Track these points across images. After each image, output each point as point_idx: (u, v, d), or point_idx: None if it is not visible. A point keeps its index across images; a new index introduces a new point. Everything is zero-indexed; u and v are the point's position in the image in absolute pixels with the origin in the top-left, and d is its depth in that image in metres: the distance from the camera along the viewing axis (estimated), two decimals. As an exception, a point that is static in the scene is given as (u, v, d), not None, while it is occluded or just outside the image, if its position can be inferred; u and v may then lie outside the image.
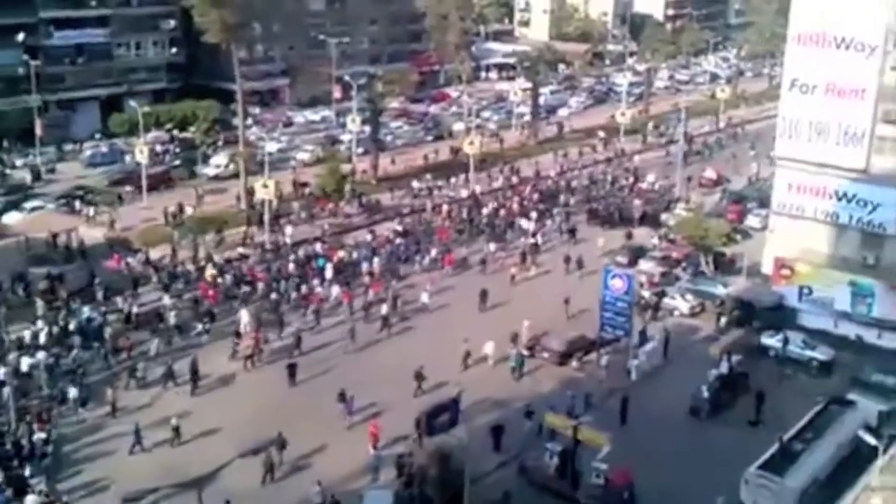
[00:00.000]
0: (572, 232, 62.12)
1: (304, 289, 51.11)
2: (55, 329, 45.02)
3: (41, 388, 40.52)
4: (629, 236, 61.25)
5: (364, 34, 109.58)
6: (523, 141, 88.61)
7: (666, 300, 50.61)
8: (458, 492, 30.05)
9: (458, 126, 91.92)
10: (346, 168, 70.58)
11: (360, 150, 78.06)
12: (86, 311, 47.19)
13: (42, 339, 43.94)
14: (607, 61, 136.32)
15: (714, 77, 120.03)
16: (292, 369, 41.81)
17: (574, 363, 43.28)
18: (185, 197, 66.13)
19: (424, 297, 49.93)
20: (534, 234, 60.42)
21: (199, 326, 46.25)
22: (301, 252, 56.80)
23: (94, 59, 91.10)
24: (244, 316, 46.83)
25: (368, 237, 60.12)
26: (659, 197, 70.38)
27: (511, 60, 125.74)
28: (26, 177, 73.29)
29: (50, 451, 35.69)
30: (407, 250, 57.87)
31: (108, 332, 45.15)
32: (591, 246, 59.06)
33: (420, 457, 33.85)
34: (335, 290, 51.12)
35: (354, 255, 56.92)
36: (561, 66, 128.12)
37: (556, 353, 43.85)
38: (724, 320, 48.16)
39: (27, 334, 44.04)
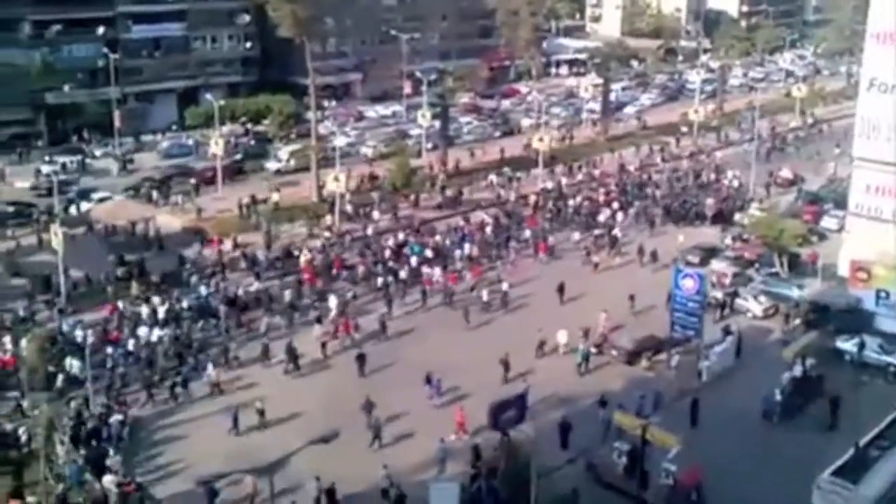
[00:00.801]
0: (651, 224, 62.32)
1: (402, 273, 52.10)
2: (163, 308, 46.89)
3: (152, 363, 42.12)
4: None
5: (435, 30, 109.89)
6: (593, 137, 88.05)
7: (738, 301, 49.89)
8: (526, 487, 30.09)
9: (527, 122, 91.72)
10: (415, 163, 71.07)
11: (429, 145, 78.58)
12: (202, 289, 49.11)
13: (161, 315, 46.09)
14: (680, 58, 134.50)
15: (789, 75, 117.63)
16: (361, 360, 42.31)
17: (643, 362, 42.96)
18: (257, 189, 67.20)
19: (504, 286, 50.42)
20: (610, 229, 60.27)
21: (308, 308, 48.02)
22: (391, 240, 57.73)
23: (171, 52, 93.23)
24: (332, 301, 47.85)
25: (461, 223, 61.23)
26: (733, 195, 69.35)
27: (582, 56, 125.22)
28: (111, 167, 75.27)
29: (127, 432, 36.71)
30: (498, 238, 58.83)
31: (223, 310, 46.84)
32: (667, 240, 58.94)
33: (488, 451, 34.08)
34: (437, 272, 52.23)
35: (447, 241, 57.99)
36: (633, 63, 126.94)
37: (625, 351, 43.61)
38: (794, 322, 47.36)
39: (144, 311, 46.06)
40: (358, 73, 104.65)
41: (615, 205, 65.13)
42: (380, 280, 51.16)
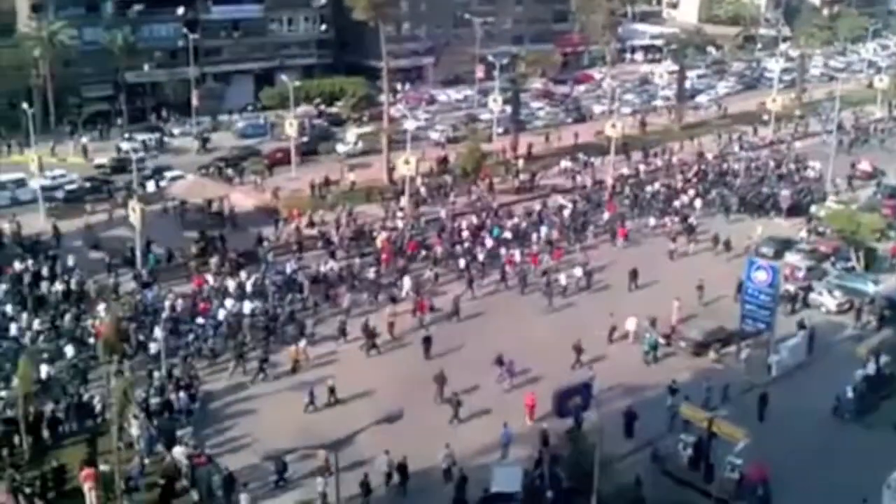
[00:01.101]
0: (727, 212, 62.15)
1: (480, 255, 52.80)
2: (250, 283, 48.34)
3: (239, 335, 43.23)
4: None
5: (509, 14, 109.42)
6: (667, 125, 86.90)
7: (812, 295, 48.95)
8: (589, 475, 30.10)
9: (600, 108, 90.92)
10: (486, 147, 71.04)
11: (500, 129, 78.43)
12: (288, 267, 50.30)
13: (248, 289, 47.47)
14: (759, 46, 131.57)
15: (872, 65, 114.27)
16: (428, 342, 42.67)
17: (712, 354, 42.49)
18: (328, 170, 67.82)
19: (578, 271, 50.61)
20: (685, 217, 59.91)
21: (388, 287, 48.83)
22: (465, 222, 58.43)
23: (248, 33, 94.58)
24: (407, 281, 48.53)
25: (537, 206, 61.49)
26: (811, 187, 67.92)
27: (658, 42, 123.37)
28: (188, 145, 77.01)
29: (198, 405, 37.71)
30: (575, 221, 59.12)
31: (307, 285, 48.06)
32: (742, 229, 58.53)
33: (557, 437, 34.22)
34: (518, 254, 52.81)
35: (524, 224, 58.36)
36: (710, 50, 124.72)
37: (693, 342, 43.17)
38: (869, 318, 46.34)
39: (231, 284, 47.47)
40: (431, 57, 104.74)
41: (692, 192, 64.93)
42: (461, 261, 51.88)
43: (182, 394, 37.58)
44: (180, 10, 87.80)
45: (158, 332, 41.42)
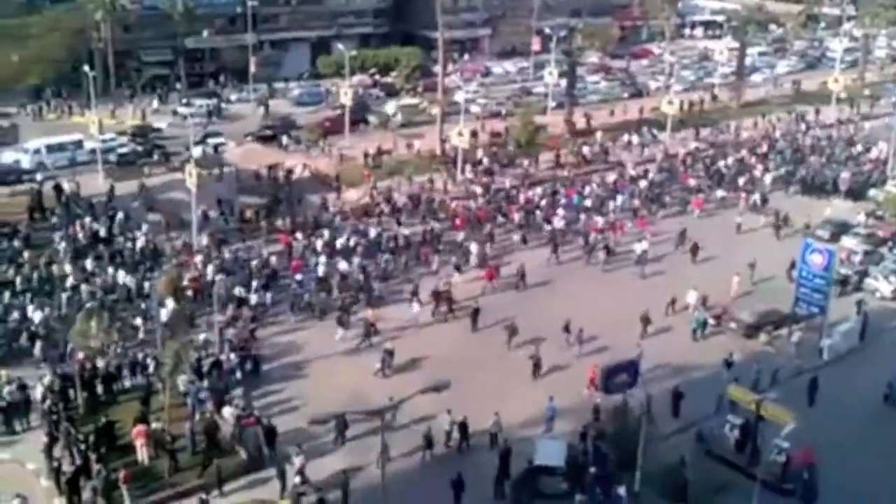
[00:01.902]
0: (790, 188, 62.56)
1: (557, 222, 53.69)
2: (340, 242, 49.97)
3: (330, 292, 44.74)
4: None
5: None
6: (726, 103, 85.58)
7: (867, 280, 48.13)
8: (633, 452, 30.13)
9: (657, 84, 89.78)
10: (539, 120, 70.70)
11: (553, 103, 77.94)
12: (372, 231, 51.34)
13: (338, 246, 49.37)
14: (822, 24, 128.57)
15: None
16: (475, 315, 42.84)
17: (763, 336, 42.05)
18: (380, 140, 67.98)
19: (644, 245, 50.45)
20: (749, 193, 59.87)
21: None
22: (538, 190, 59.42)
23: (307, 1, 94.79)
24: (473, 248, 49.34)
25: (611, 178, 62.31)
26: (872, 169, 66.57)
27: (719, 18, 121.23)
28: (249, 111, 77.77)
29: (249, 368, 38.29)
30: (651, 192, 59.82)
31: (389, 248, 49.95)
32: (803, 208, 58.29)
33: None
34: (600, 220, 54.11)
35: (601, 193, 59.49)
36: (771, 27, 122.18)
37: (744, 323, 42.77)
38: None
39: (318, 243, 48.94)
40: (487, 29, 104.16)
41: (761, 167, 65.28)
42: (546, 227, 53.28)
43: (233, 355, 38.24)
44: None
45: (255, 284, 43.59)
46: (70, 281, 43.50)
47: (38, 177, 58.05)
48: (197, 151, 63.97)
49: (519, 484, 31.47)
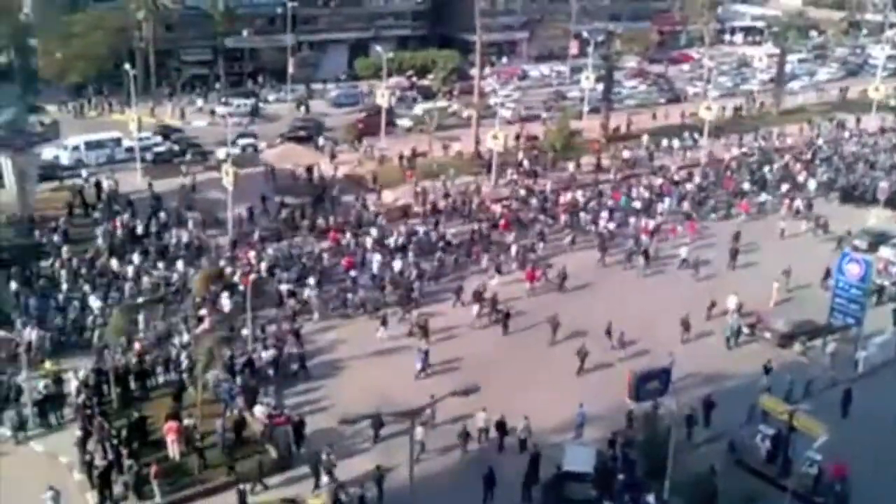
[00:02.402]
0: (830, 195, 62.28)
1: (604, 224, 54.10)
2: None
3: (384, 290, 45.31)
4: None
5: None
6: (765, 109, 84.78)
7: (905, 292, 47.45)
8: (663, 460, 29.93)
9: (694, 90, 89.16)
10: (575, 125, 70.46)
11: (587, 108, 77.67)
12: (419, 229, 51.95)
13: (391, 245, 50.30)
14: (864, 31, 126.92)
15: None
16: (506, 319, 42.79)
17: (797, 347, 41.58)
18: (414, 142, 67.93)
19: (686, 250, 50.75)
20: (792, 199, 59.64)
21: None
22: (577, 193, 59.49)
23: (346, 3, 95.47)
24: (513, 249, 49.83)
25: (657, 181, 62.48)
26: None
27: (759, 24, 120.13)
28: (286, 111, 78.44)
29: (296, 366, 38.57)
30: (697, 196, 60.18)
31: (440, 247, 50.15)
32: (841, 215, 58.12)
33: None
34: (651, 222, 54.56)
35: (648, 196, 59.59)
36: (812, 34, 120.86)
37: (778, 333, 42.33)
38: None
39: (368, 241, 50.10)
40: (525, 32, 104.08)
41: (805, 174, 65.05)
42: (597, 226, 53.94)
43: (265, 353, 38.50)
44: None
45: (312, 281, 44.17)
46: (129, 274, 44.30)
47: (84, 173, 58.84)
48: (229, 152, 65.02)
49: (547, 489, 31.40)
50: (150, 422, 33.35)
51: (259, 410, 34.59)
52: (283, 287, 44.34)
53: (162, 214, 52.33)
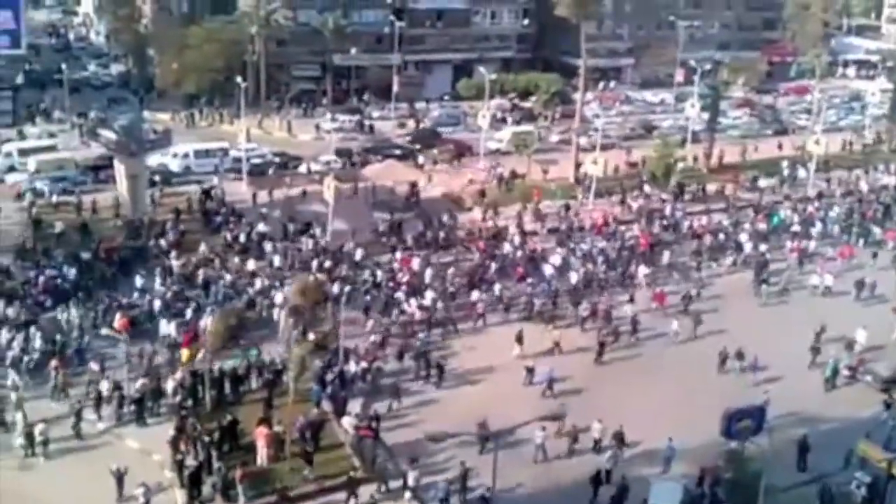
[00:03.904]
0: None
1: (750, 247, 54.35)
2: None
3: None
4: None
5: (716, 18, 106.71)
6: (877, 146, 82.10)
7: None
8: (752, 501, 29.13)
9: (803, 122, 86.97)
10: (679, 153, 69.49)
11: (677, 136, 76.55)
12: (507, 247, 52.52)
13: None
14: None
15: None
16: (601, 348, 42.36)
17: (900, 393, 40.02)
18: (516, 163, 68.22)
19: (828, 280, 50.32)
20: None
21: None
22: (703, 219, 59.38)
23: (452, 24, 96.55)
24: (641, 271, 50.00)
25: (805, 206, 62.43)
26: None
27: (873, 58, 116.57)
28: (389, 128, 79.72)
29: (369, 379, 38.82)
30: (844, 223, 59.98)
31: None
32: None
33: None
34: (811, 245, 55.03)
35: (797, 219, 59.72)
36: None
37: (880, 377, 40.78)
38: None
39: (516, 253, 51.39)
40: (630, 58, 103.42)
41: None
42: (741, 249, 53.96)
43: (354, 366, 38.92)
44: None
45: (430, 295, 44.95)
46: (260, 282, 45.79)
47: (201, 180, 60.69)
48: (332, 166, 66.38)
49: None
50: (241, 426, 33.96)
51: (347, 421, 34.94)
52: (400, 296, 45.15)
53: (262, 224, 53.56)
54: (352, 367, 38.84)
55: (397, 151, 71.35)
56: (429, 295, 45.67)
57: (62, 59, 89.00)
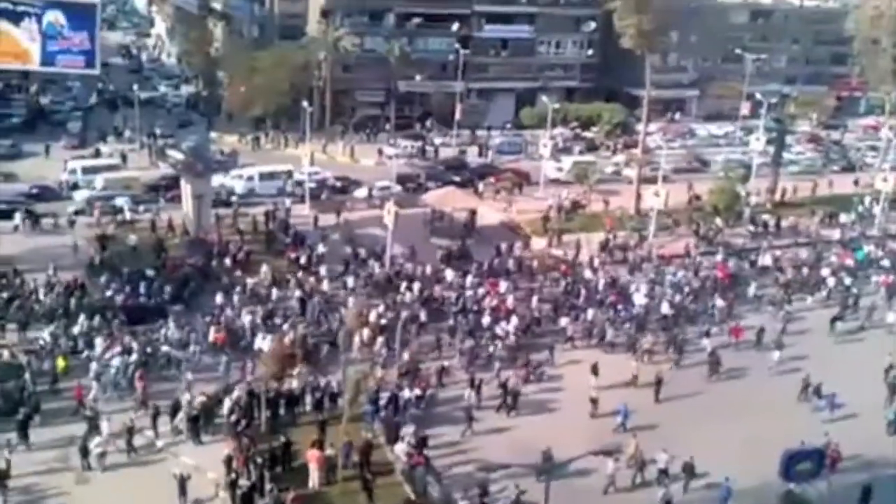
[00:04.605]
0: None
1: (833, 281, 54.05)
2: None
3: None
4: None
5: (783, 52, 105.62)
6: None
7: None
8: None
9: (872, 160, 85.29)
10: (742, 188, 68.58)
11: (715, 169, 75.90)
12: (588, 274, 52.97)
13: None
14: None
15: None
16: (658, 385, 41.60)
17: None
18: (576, 193, 68.06)
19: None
20: None
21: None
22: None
23: (516, 53, 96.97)
24: (719, 303, 49.78)
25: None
26: None
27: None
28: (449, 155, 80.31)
29: (422, 407, 38.82)
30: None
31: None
32: None
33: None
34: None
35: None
36: None
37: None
38: None
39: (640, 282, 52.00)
40: (694, 90, 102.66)
41: None
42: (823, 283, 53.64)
43: (408, 392, 38.90)
44: (455, 27, 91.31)
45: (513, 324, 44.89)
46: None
47: (277, 202, 61.58)
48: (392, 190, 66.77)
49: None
50: (295, 448, 34.15)
51: (399, 448, 34.89)
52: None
53: (321, 246, 54.10)
54: (406, 393, 38.86)
55: (457, 178, 71.56)
56: (514, 320, 45.73)
57: (134, 80, 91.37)
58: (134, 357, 39.44)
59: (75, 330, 41.55)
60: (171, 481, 31.26)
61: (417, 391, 39.15)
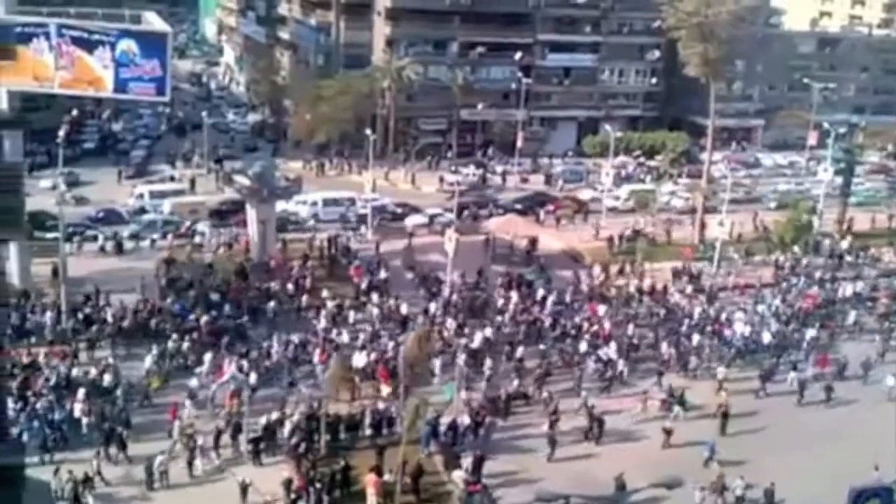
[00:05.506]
0: None
1: None
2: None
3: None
4: None
5: (852, 81, 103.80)
6: None
7: None
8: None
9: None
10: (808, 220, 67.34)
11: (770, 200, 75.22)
12: (681, 301, 52.83)
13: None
14: None
15: None
16: (724, 417, 40.72)
17: None
18: (638, 222, 67.44)
19: None
20: None
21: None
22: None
23: (579, 82, 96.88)
24: (809, 333, 49.22)
25: None
26: None
27: None
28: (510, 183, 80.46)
29: (481, 433, 38.49)
30: None
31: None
32: None
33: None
34: None
35: None
36: None
37: None
38: None
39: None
40: (760, 119, 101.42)
41: None
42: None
43: (467, 418, 38.70)
44: (518, 55, 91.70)
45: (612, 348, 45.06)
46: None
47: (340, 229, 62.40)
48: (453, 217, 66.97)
49: None
50: (353, 472, 34.21)
51: (457, 475, 34.77)
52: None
53: (382, 272, 54.48)
54: (465, 420, 38.72)
55: (518, 206, 71.60)
56: (612, 346, 45.64)
57: (203, 108, 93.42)
58: (253, 377, 39.77)
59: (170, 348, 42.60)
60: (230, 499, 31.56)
61: (468, 420, 38.75)
